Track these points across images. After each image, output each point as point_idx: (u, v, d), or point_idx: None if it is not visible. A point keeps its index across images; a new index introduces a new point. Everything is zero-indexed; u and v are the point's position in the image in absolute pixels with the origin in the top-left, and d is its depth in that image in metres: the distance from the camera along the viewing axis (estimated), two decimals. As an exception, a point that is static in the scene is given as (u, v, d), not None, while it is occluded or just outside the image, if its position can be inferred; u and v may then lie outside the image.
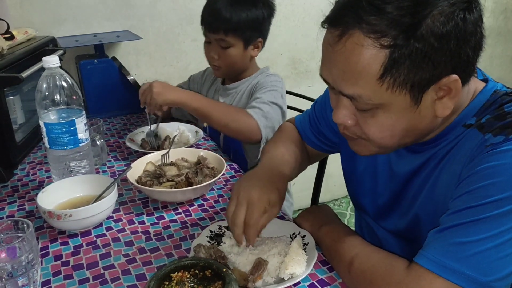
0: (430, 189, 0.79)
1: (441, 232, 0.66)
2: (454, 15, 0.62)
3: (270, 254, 0.81)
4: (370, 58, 0.63)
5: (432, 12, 0.61)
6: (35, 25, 1.76)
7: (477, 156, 0.67)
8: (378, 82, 0.65)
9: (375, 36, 0.62)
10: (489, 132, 0.68)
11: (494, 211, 0.62)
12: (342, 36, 0.65)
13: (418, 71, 0.64)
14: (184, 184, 1.09)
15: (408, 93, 0.66)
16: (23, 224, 0.80)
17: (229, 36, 1.38)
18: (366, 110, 0.69)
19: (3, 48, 1.27)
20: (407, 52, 0.62)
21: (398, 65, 0.63)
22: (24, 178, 1.24)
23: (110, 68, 1.70)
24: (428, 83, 0.65)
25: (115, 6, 1.93)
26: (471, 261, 0.62)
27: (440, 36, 0.62)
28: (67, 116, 1.05)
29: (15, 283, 0.75)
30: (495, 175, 0.64)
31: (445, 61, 0.64)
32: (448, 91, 0.67)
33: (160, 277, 0.71)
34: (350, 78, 0.67)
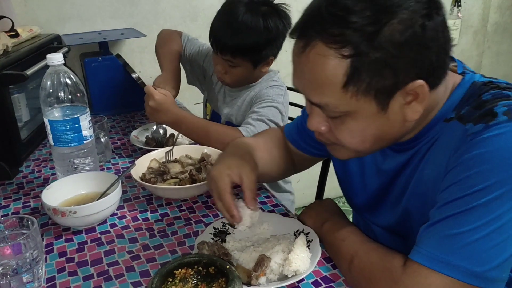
0: (416, 184, 0.79)
1: (431, 226, 0.67)
2: (413, 23, 0.63)
3: (273, 251, 0.81)
4: (333, 68, 0.65)
5: (391, 21, 0.62)
6: (40, 23, 1.77)
7: (461, 146, 0.68)
8: (343, 91, 0.66)
9: (336, 47, 0.64)
10: (470, 121, 0.69)
11: (481, 199, 0.62)
12: (305, 47, 0.67)
13: (379, 79, 0.65)
14: (188, 181, 1.10)
15: (374, 100, 0.67)
16: (28, 221, 0.81)
17: (237, 58, 1.32)
18: (335, 117, 0.71)
19: (8, 45, 1.27)
20: (367, 61, 0.64)
21: (359, 73, 0.65)
22: (29, 175, 1.24)
23: (114, 66, 1.70)
24: (392, 90, 0.66)
25: (119, 4, 1.93)
26: (464, 252, 0.62)
27: (399, 44, 0.63)
28: (71, 114, 1.05)
29: (20, 280, 0.76)
30: (479, 164, 0.64)
31: (407, 68, 0.65)
32: (415, 96, 0.68)
33: (163, 273, 0.71)
34: (316, 87, 0.69)
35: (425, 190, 0.77)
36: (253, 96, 1.41)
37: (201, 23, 2.11)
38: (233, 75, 1.37)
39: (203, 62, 1.59)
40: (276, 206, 1.04)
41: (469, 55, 2.91)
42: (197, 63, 1.61)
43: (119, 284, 0.79)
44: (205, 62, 1.59)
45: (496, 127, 0.65)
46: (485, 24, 2.88)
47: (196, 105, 2.16)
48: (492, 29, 2.91)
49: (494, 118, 0.66)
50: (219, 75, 1.41)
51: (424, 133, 0.76)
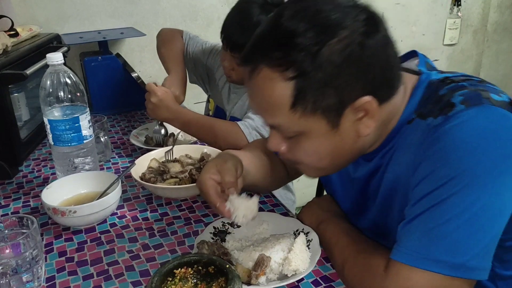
0: (386, 186, 0.80)
1: (408, 224, 0.67)
2: (351, 42, 0.65)
3: (273, 251, 0.81)
4: (279, 90, 0.67)
5: (331, 40, 0.64)
6: (39, 22, 1.76)
7: (424, 140, 0.68)
8: (291, 111, 0.69)
9: (280, 69, 0.66)
10: (430, 116, 0.70)
11: (451, 190, 0.63)
12: (253, 73, 0.70)
13: (324, 98, 0.67)
14: (188, 181, 1.10)
15: (322, 119, 0.69)
16: (27, 221, 0.81)
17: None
18: (291, 137, 0.74)
19: (8, 45, 1.27)
20: (310, 82, 0.66)
21: (304, 94, 0.67)
22: (29, 174, 1.24)
23: (114, 65, 1.70)
24: (339, 108, 0.68)
25: (118, 3, 1.93)
26: (443, 245, 0.63)
27: (338, 63, 0.65)
28: (71, 113, 1.05)
29: (20, 279, 0.76)
30: (443, 155, 0.65)
31: (350, 86, 0.66)
32: (365, 112, 0.69)
33: (163, 273, 0.71)
34: (267, 110, 0.72)
35: (396, 191, 0.78)
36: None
37: (201, 22, 2.11)
38: (240, 73, 1.37)
39: (207, 60, 1.59)
40: (276, 206, 1.04)
41: (469, 55, 2.91)
42: (200, 61, 1.60)
43: (119, 284, 0.80)
44: (209, 60, 1.59)
45: (455, 117, 0.65)
46: (485, 23, 2.88)
47: (196, 104, 2.16)
48: (492, 29, 2.91)
49: (453, 108, 0.67)
50: (226, 71, 1.42)
51: (390, 140, 0.77)
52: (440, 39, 2.77)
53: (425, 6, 2.64)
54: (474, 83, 0.71)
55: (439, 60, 2.81)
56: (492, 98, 0.67)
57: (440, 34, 2.75)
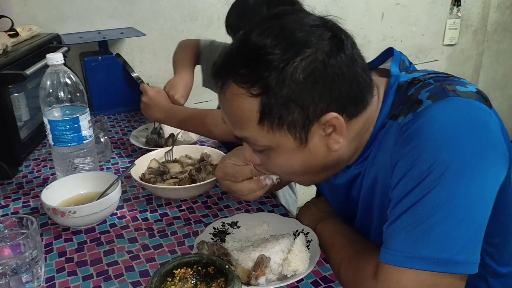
0: (368, 186, 0.80)
1: (391, 224, 0.67)
2: (314, 60, 0.66)
3: (273, 251, 0.81)
4: (246, 105, 0.69)
5: (295, 58, 0.65)
6: (39, 22, 1.76)
7: (398, 139, 0.69)
8: (259, 126, 0.70)
9: (246, 86, 0.68)
10: (400, 115, 0.71)
11: (429, 186, 0.63)
12: (222, 87, 0.72)
13: (288, 114, 0.68)
14: (188, 181, 1.10)
15: (289, 134, 0.70)
16: (27, 221, 0.81)
17: None
18: (260, 151, 0.76)
19: (7, 45, 1.27)
20: (274, 98, 0.67)
21: (269, 110, 0.68)
22: (28, 175, 1.24)
23: (114, 65, 1.71)
24: (305, 124, 0.69)
25: (118, 3, 1.93)
26: (428, 241, 0.62)
27: (300, 81, 0.66)
28: (71, 113, 1.06)
29: (19, 280, 0.76)
30: (417, 153, 0.65)
31: (314, 103, 0.67)
32: (333, 128, 0.70)
33: (163, 273, 0.71)
34: (236, 123, 0.73)
35: (376, 194, 0.78)
36: None
37: (201, 22, 2.11)
38: None
39: None
40: (275, 206, 1.04)
41: (469, 55, 2.91)
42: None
43: (118, 284, 0.80)
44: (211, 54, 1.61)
45: (423, 113, 0.66)
46: (485, 23, 2.88)
47: (196, 104, 2.16)
48: (492, 29, 2.91)
49: (420, 105, 0.67)
50: None
51: (367, 148, 0.78)
52: (440, 39, 2.77)
53: (425, 6, 2.64)
54: (440, 79, 0.72)
55: (439, 61, 2.81)
56: (458, 90, 0.67)
57: (440, 34, 2.75)
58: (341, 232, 0.84)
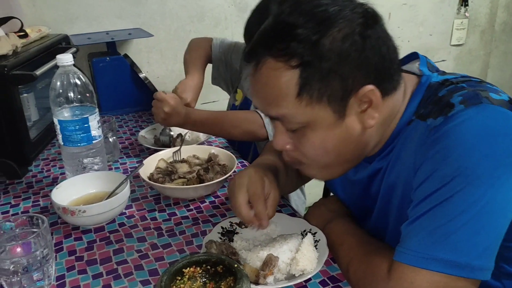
0: (388, 185, 0.80)
1: (411, 224, 0.67)
2: (351, 32, 0.67)
3: (281, 251, 0.82)
4: (285, 79, 0.69)
5: (331, 30, 0.66)
6: (48, 23, 1.78)
7: (425, 141, 0.69)
8: (297, 100, 0.69)
9: (284, 59, 0.68)
10: (429, 117, 0.70)
11: (453, 190, 0.63)
12: (257, 65, 0.72)
13: (329, 85, 0.68)
14: (196, 181, 1.10)
15: (328, 107, 0.70)
16: (38, 220, 0.82)
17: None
18: (296, 130, 0.74)
19: (17, 46, 1.28)
20: (314, 69, 0.67)
21: (309, 82, 0.68)
22: (38, 174, 1.26)
23: (122, 66, 1.72)
24: (344, 96, 0.69)
25: (126, 4, 1.94)
26: (447, 244, 0.62)
27: (340, 52, 0.67)
28: (80, 114, 1.07)
29: (30, 278, 0.76)
30: (444, 156, 0.65)
31: (352, 74, 0.68)
32: (369, 103, 0.70)
33: (172, 272, 0.72)
34: (272, 101, 0.72)
35: (396, 193, 0.78)
36: None
37: (208, 23, 2.12)
38: None
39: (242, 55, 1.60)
40: (283, 206, 1.05)
41: (476, 55, 2.90)
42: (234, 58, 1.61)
43: (128, 283, 0.80)
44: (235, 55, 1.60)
45: (455, 117, 0.66)
46: (492, 23, 2.86)
47: (203, 104, 2.17)
48: (500, 29, 2.89)
49: (452, 109, 0.67)
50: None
51: (390, 142, 0.78)
52: (447, 39, 2.76)
53: (432, 6, 2.63)
54: (473, 84, 0.72)
55: (446, 61, 2.80)
56: (491, 97, 0.67)
57: (447, 34, 2.74)
58: (351, 232, 0.84)
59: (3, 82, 1.13)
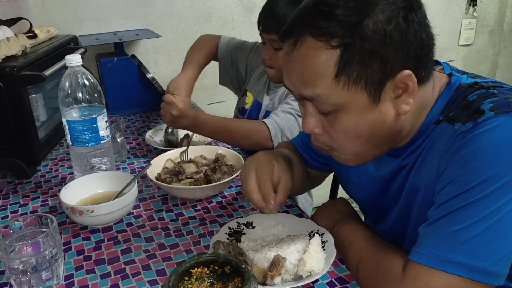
0: (409, 189, 0.79)
1: (430, 225, 0.67)
2: (395, 15, 0.66)
3: (288, 252, 0.81)
4: (324, 59, 0.67)
5: (374, 11, 0.65)
6: (57, 24, 1.79)
7: (451, 146, 0.68)
8: (335, 81, 0.68)
9: (325, 39, 0.67)
10: (458, 122, 0.70)
11: (477, 195, 0.62)
12: (295, 44, 0.70)
13: (368, 68, 0.67)
14: (203, 181, 1.10)
15: (365, 90, 0.68)
16: (46, 219, 0.82)
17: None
18: (328, 113, 0.72)
19: (26, 46, 1.29)
20: (355, 50, 0.66)
21: (349, 63, 0.66)
22: (47, 174, 1.26)
23: (129, 66, 1.72)
24: (382, 80, 0.68)
25: (134, 5, 1.95)
26: (465, 248, 0.62)
27: (383, 34, 0.65)
28: (88, 114, 1.07)
29: (39, 277, 0.77)
30: (472, 160, 0.64)
31: (393, 58, 0.67)
32: (405, 88, 0.69)
33: (180, 272, 0.72)
34: (308, 80, 0.70)
35: (419, 194, 0.77)
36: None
37: (215, 23, 2.12)
38: (278, 60, 1.35)
39: (248, 55, 1.60)
40: (290, 207, 1.05)
41: (485, 55, 2.88)
42: (241, 58, 1.61)
43: (135, 283, 0.81)
44: (250, 55, 1.60)
45: (484, 123, 0.65)
46: (501, 23, 2.84)
47: (210, 105, 2.17)
48: (508, 29, 2.87)
49: (482, 115, 0.67)
50: (265, 63, 1.41)
51: (417, 137, 0.77)
52: (456, 39, 2.74)
53: (440, 6, 2.62)
54: (504, 91, 0.71)
55: (454, 61, 2.78)
56: None
57: (455, 34, 2.73)
58: (360, 233, 0.84)
59: (12, 82, 1.14)
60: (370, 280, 0.74)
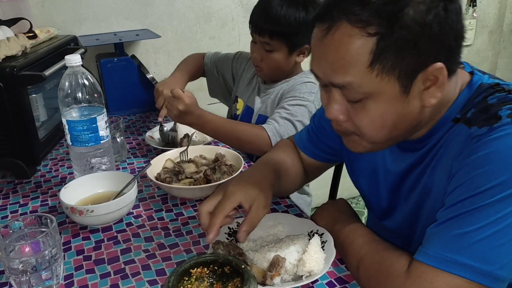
0: (422, 187, 0.79)
1: (438, 226, 0.67)
2: (435, 4, 0.64)
3: (288, 252, 0.82)
4: (359, 46, 0.66)
5: (414, 1, 0.63)
6: (57, 24, 1.79)
7: (465, 149, 0.68)
8: (369, 69, 0.67)
9: (362, 25, 0.65)
10: (475, 125, 0.69)
11: (488, 199, 0.62)
12: (330, 29, 0.68)
13: (404, 58, 0.66)
14: (203, 181, 1.10)
15: (397, 81, 0.67)
16: (46, 219, 0.82)
17: (274, 40, 1.33)
18: (356, 101, 0.71)
19: (26, 47, 1.29)
20: (393, 39, 0.64)
21: (385, 52, 0.65)
22: (47, 174, 1.27)
23: (129, 66, 1.73)
24: (415, 71, 0.67)
25: (134, 5, 1.95)
26: (472, 251, 0.62)
27: (422, 24, 0.64)
28: (88, 114, 1.07)
29: (39, 277, 0.77)
30: (484, 164, 0.64)
31: (429, 49, 0.66)
32: (434, 81, 0.68)
33: (180, 272, 0.72)
34: (340, 67, 0.68)
35: (433, 192, 0.77)
36: (286, 90, 1.41)
37: (215, 24, 2.12)
38: (270, 61, 1.37)
39: (232, 63, 1.64)
40: (290, 207, 1.05)
41: (484, 56, 2.88)
42: (226, 68, 1.65)
43: (135, 282, 0.81)
44: (234, 63, 1.64)
45: (500, 129, 0.65)
46: (501, 24, 2.84)
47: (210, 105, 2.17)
48: (508, 29, 2.87)
49: (498, 121, 0.67)
50: (255, 63, 1.42)
51: (434, 132, 0.77)
52: (455, 40, 2.74)
53: (440, 7, 2.62)
54: None
55: (454, 61, 2.79)
56: None
57: (455, 35, 2.73)
58: (361, 232, 0.84)
59: (13, 82, 1.14)
60: (372, 279, 0.73)
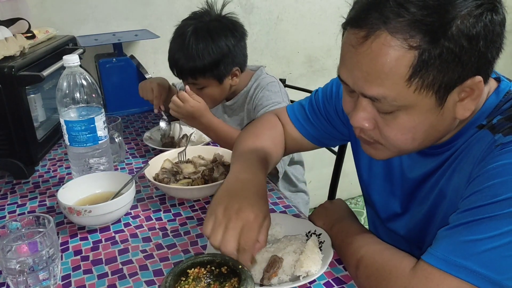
0: (439, 192, 0.78)
1: (450, 229, 0.66)
2: (483, 17, 0.61)
3: (285, 252, 0.82)
4: (398, 59, 0.62)
5: (461, 12, 0.60)
6: (56, 24, 1.79)
7: (487, 155, 0.67)
8: (406, 83, 0.63)
9: (403, 37, 0.61)
10: (500, 132, 0.68)
11: (504, 209, 0.61)
12: (367, 38, 0.63)
13: (447, 72, 0.62)
14: (201, 181, 1.11)
15: (434, 95, 0.64)
16: (44, 220, 0.82)
17: (199, 79, 1.36)
18: (388, 112, 0.68)
19: (25, 47, 1.29)
20: (437, 53, 0.61)
21: (427, 66, 0.62)
22: (45, 174, 1.27)
23: (128, 67, 1.73)
24: (455, 84, 0.64)
25: (133, 5, 1.95)
26: (482, 258, 0.61)
27: (470, 37, 0.61)
28: (86, 114, 1.07)
29: (36, 277, 0.77)
30: (503, 173, 0.63)
31: (473, 62, 0.63)
32: (470, 93, 0.66)
33: (177, 273, 0.72)
34: (376, 79, 0.65)
35: (446, 198, 0.76)
36: (252, 99, 1.43)
37: (213, 24, 2.12)
38: (206, 97, 1.35)
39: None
40: (288, 207, 1.05)
41: (483, 56, 2.88)
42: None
43: (133, 283, 0.81)
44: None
45: None
46: (500, 24, 2.84)
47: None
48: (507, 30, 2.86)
49: None
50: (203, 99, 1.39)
51: (457, 137, 0.75)
52: (454, 40, 2.74)
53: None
54: None
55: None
56: None
57: (454, 35, 2.72)
58: (360, 232, 0.83)
59: (11, 82, 1.14)
60: (372, 278, 0.72)
